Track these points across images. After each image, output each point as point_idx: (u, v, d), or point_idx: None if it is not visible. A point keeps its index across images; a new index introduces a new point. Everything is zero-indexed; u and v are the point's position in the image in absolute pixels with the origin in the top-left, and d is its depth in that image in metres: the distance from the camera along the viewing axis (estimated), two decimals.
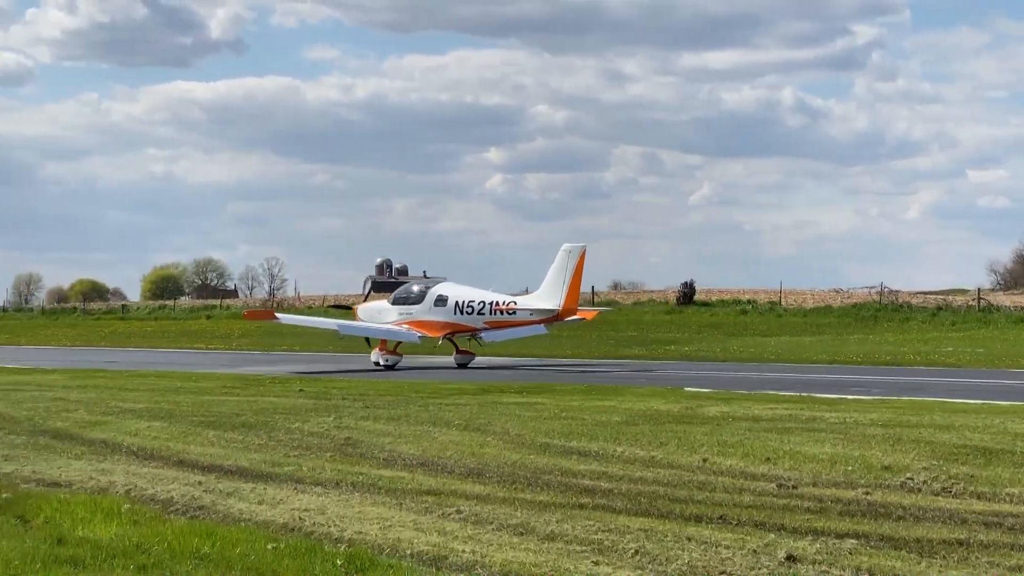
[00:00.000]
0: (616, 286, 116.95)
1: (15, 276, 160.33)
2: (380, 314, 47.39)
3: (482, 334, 46.50)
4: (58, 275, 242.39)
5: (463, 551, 12.62)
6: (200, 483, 16.45)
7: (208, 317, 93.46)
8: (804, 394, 28.62)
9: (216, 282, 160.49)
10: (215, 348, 60.53)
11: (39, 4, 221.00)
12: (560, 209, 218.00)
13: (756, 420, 22.53)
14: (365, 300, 51.19)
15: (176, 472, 17.46)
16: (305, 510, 14.66)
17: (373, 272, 51.81)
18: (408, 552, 12.65)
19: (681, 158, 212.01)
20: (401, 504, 15.04)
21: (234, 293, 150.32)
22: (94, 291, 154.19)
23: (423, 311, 46.18)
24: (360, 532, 13.50)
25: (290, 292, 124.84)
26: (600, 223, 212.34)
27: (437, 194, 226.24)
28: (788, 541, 12.87)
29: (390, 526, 13.80)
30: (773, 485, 16.08)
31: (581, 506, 14.89)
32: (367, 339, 47.33)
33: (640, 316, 79.55)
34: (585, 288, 63.92)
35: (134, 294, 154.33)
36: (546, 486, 16.26)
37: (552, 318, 45.11)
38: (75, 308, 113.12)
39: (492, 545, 12.91)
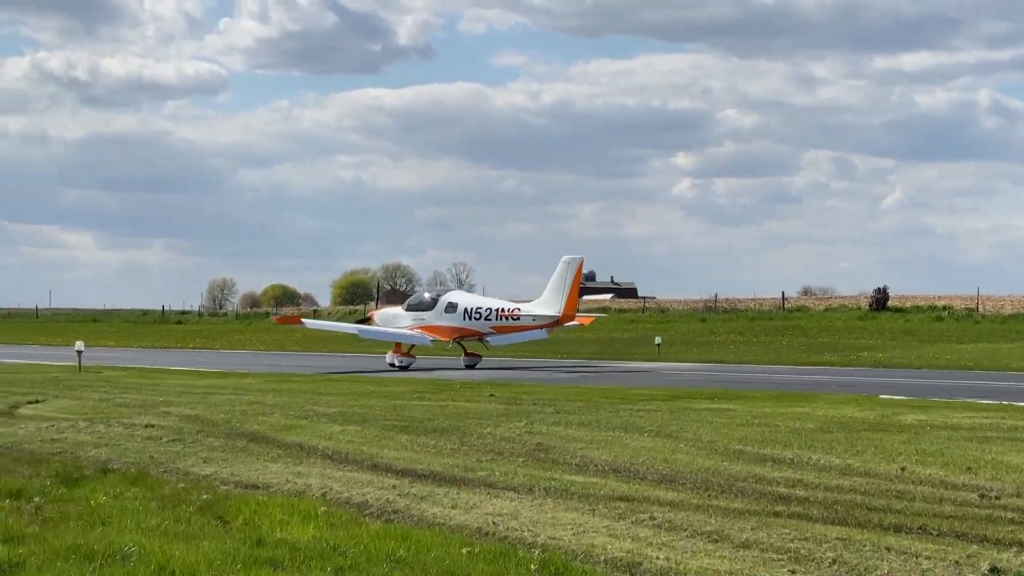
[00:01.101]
0: (806, 291, 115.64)
1: (210, 281, 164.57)
2: (395, 319, 50.74)
3: (488, 338, 49.85)
4: (251, 280, 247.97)
5: (657, 558, 12.51)
6: (394, 487, 16.57)
7: None
8: (1004, 402, 27.90)
9: (405, 287, 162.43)
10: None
11: (232, 14, 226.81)
12: (749, 214, 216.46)
13: (955, 429, 22.01)
14: (377, 307, 54.65)
15: (370, 476, 17.63)
16: (498, 515, 14.67)
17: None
18: (602, 558, 12.58)
19: (873, 162, 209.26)
20: (594, 510, 14.98)
21: None
22: (286, 296, 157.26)
23: (434, 317, 49.73)
24: (553, 537, 13.47)
25: None
26: (790, 228, 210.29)
27: (623, 199, 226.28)
28: (991, 553, 12.51)
29: (583, 532, 13.74)
30: (975, 495, 15.65)
31: (776, 514, 14.66)
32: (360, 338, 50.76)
33: (832, 322, 78.41)
34: (774, 293, 63.72)
35: (324, 299, 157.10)
36: (740, 493, 16.06)
37: (553, 323, 48.78)
38: (268, 313, 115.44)
39: (686, 552, 12.78)
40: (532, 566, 12.04)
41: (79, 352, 44.48)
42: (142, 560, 12.07)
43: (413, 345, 49.13)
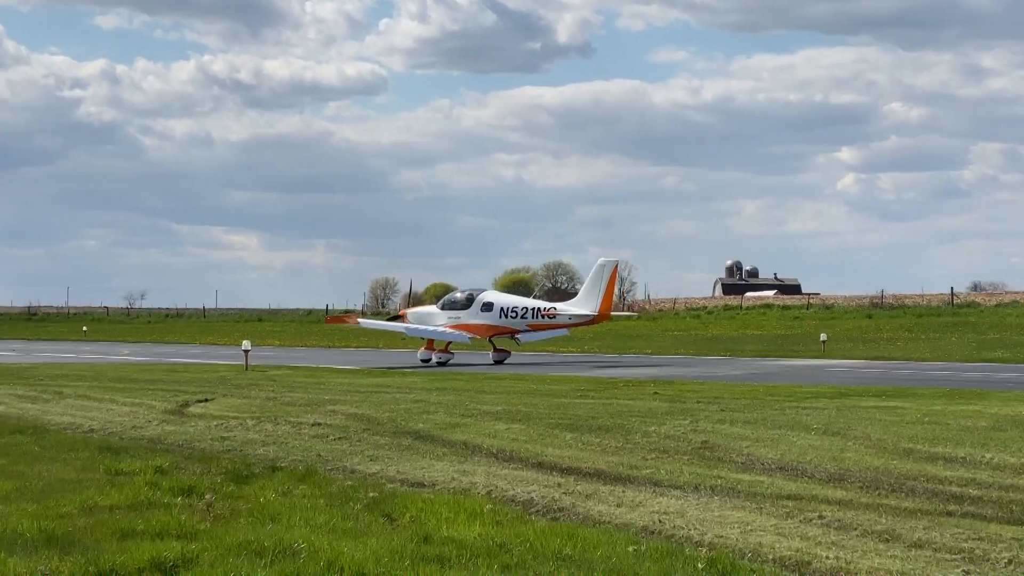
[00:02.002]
0: (976, 287, 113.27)
1: (372, 281, 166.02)
2: (429, 318, 53.26)
3: (519, 336, 53.00)
4: (414, 279, 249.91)
5: (827, 557, 12.34)
6: (559, 484, 16.56)
7: None
8: None
9: (566, 285, 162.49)
10: (565, 351, 61.14)
11: (392, 15, 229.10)
12: (916, 209, 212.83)
13: None
14: (409, 306, 56.75)
15: (535, 474, 17.63)
16: (664, 513, 14.58)
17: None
18: (770, 557, 12.44)
19: None
20: (761, 508, 14.81)
21: None
22: (447, 294, 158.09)
23: (470, 315, 52.50)
24: (720, 536, 13.35)
25: (640, 295, 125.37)
26: (958, 222, 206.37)
27: (787, 195, 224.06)
28: None
29: (751, 530, 13.59)
30: None
31: (949, 513, 14.36)
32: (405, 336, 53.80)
33: (1003, 318, 76.70)
34: (943, 289, 63.01)
35: None
36: (911, 492, 15.76)
37: (589, 322, 52.40)
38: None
39: (856, 551, 12.58)
40: (699, 564, 11.94)
41: (246, 351, 45.23)
42: (311, 557, 12.20)
43: (450, 342, 51.82)
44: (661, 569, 11.87)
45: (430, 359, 50.92)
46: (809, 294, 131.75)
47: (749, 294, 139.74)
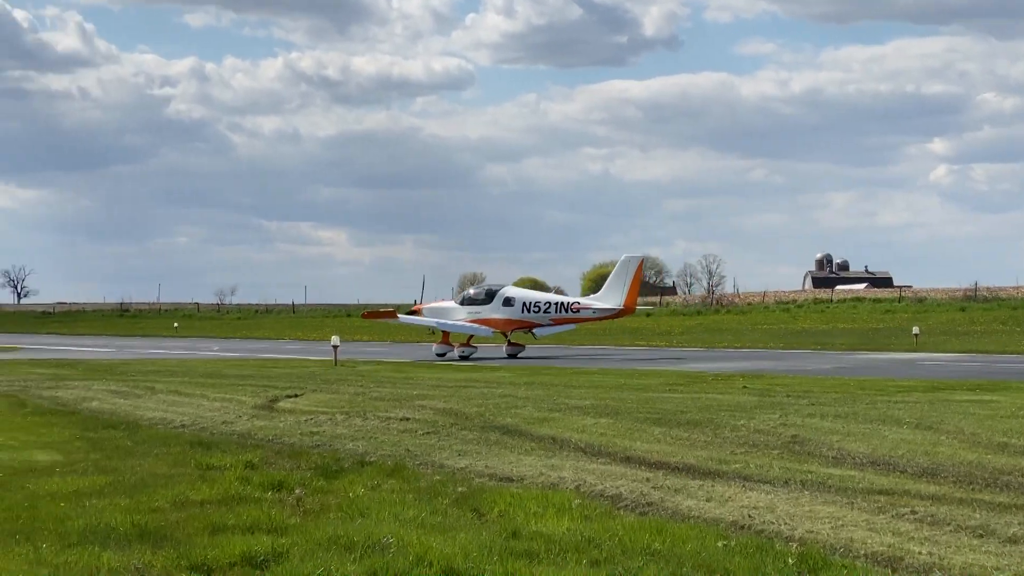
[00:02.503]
0: None
1: (460, 276, 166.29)
2: (447, 312, 54.33)
3: (535, 330, 54.15)
4: (500, 274, 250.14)
5: (919, 553, 12.19)
6: (648, 479, 16.48)
7: (648, 315, 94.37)
8: None
9: (655, 279, 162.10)
10: (656, 345, 60.99)
11: (478, 9, 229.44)
12: (1011, 200, 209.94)
13: None
14: (422, 302, 56.59)
15: (623, 468, 17.56)
16: (754, 508, 14.47)
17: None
18: (862, 552, 12.31)
19: None
20: (852, 503, 14.65)
21: (672, 290, 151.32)
22: (535, 289, 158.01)
23: (492, 310, 53.79)
24: (811, 531, 13.22)
25: (729, 288, 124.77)
26: None
27: (877, 187, 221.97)
28: None
29: (842, 525, 13.45)
30: None
31: None
32: (435, 331, 54.16)
33: None
34: None
35: (574, 291, 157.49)
36: (1006, 487, 15.54)
37: (614, 315, 53.93)
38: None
39: (950, 547, 12.42)
40: (790, 560, 11.85)
41: (335, 347, 45.49)
42: (400, 551, 12.23)
43: (471, 336, 53.24)
44: (751, 564, 11.78)
45: (445, 353, 52.39)
46: (901, 287, 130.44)
47: (839, 287, 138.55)
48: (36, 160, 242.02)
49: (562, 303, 54.37)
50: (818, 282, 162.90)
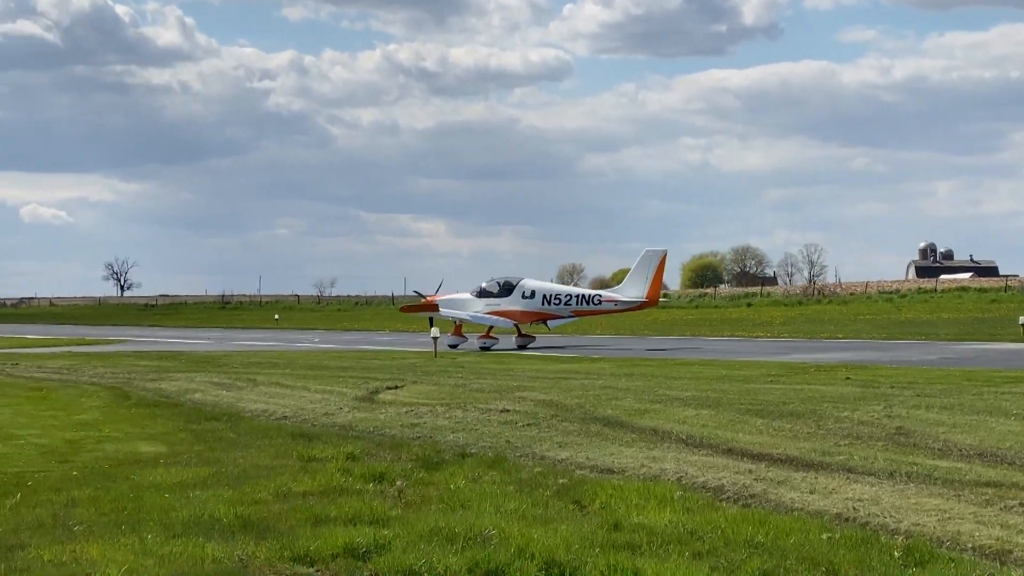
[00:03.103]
0: None
1: (559, 267, 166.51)
2: (462, 304, 54.89)
3: (549, 322, 55.50)
4: (599, 265, 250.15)
5: None
6: (750, 471, 16.34)
7: (748, 305, 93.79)
8: None
9: (755, 269, 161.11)
10: (756, 336, 60.57)
11: (576, 0, 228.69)
12: None
13: None
14: (437, 294, 56.80)
15: (725, 460, 17.43)
16: (858, 500, 14.29)
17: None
18: (968, 545, 12.12)
19: None
20: (959, 496, 14.43)
21: (773, 280, 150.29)
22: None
23: (511, 302, 54.52)
24: (917, 524, 13.03)
25: (830, 278, 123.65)
26: None
27: (982, 175, 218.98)
28: None
29: (949, 518, 13.25)
30: None
31: None
32: (455, 322, 54.79)
33: None
34: None
35: (674, 283, 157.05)
36: None
37: (637, 307, 54.52)
38: None
39: None
40: (896, 553, 11.69)
41: (434, 338, 45.65)
42: (502, 543, 12.21)
43: (491, 327, 53.79)
44: (856, 557, 11.63)
45: (458, 344, 53.43)
46: (1007, 276, 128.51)
47: (944, 277, 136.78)
48: (137, 154, 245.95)
49: (583, 295, 55.29)
50: (922, 272, 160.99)
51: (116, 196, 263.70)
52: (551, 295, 54.78)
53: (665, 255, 54.08)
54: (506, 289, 55.06)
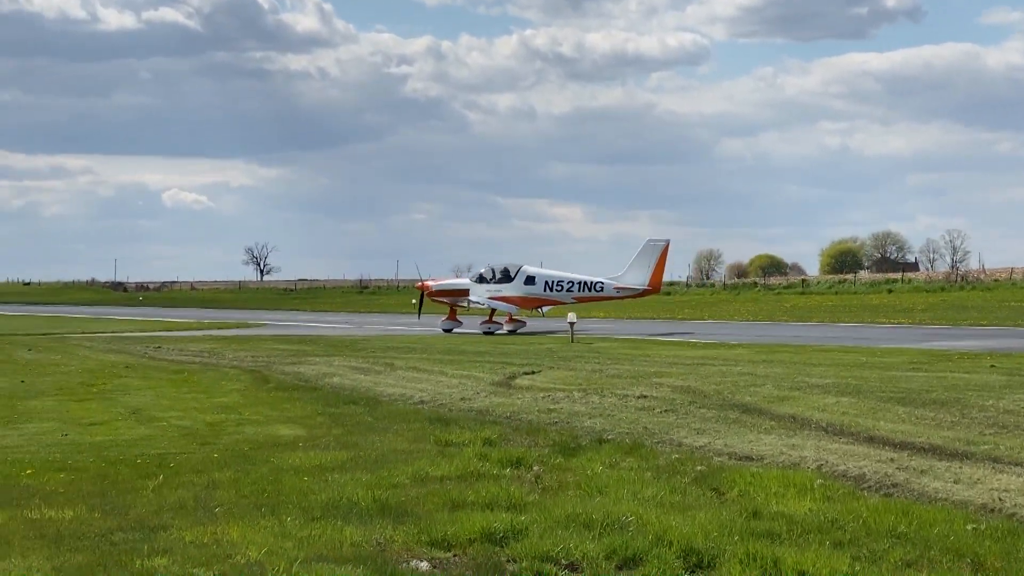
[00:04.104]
0: None
1: (696, 252, 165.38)
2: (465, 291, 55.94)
3: (543, 308, 57.45)
4: (737, 250, 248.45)
5: None
6: (892, 460, 16.06)
7: (889, 291, 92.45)
8: None
9: (896, 255, 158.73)
10: (897, 322, 59.63)
11: None
12: None
13: None
14: (429, 278, 58.73)
15: (866, 448, 17.15)
16: (1005, 491, 13.98)
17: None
18: None
19: None
20: None
21: (914, 266, 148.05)
22: (773, 266, 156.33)
23: (513, 288, 55.73)
24: None
25: (973, 264, 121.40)
26: None
27: None
28: None
29: None
30: None
31: None
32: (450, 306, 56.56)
33: None
34: None
35: (812, 268, 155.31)
36: None
37: (639, 294, 56.10)
38: (755, 283, 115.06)
39: None
40: None
41: (571, 324, 45.61)
42: (639, 530, 12.13)
43: (494, 311, 55.30)
44: (1002, 549, 11.38)
45: (452, 328, 55.18)
46: None
47: None
48: (277, 139, 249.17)
49: (585, 282, 55.91)
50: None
51: (256, 181, 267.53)
52: (553, 281, 56.00)
53: (667, 245, 55.42)
54: (506, 275, 56.22)
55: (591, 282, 56.01)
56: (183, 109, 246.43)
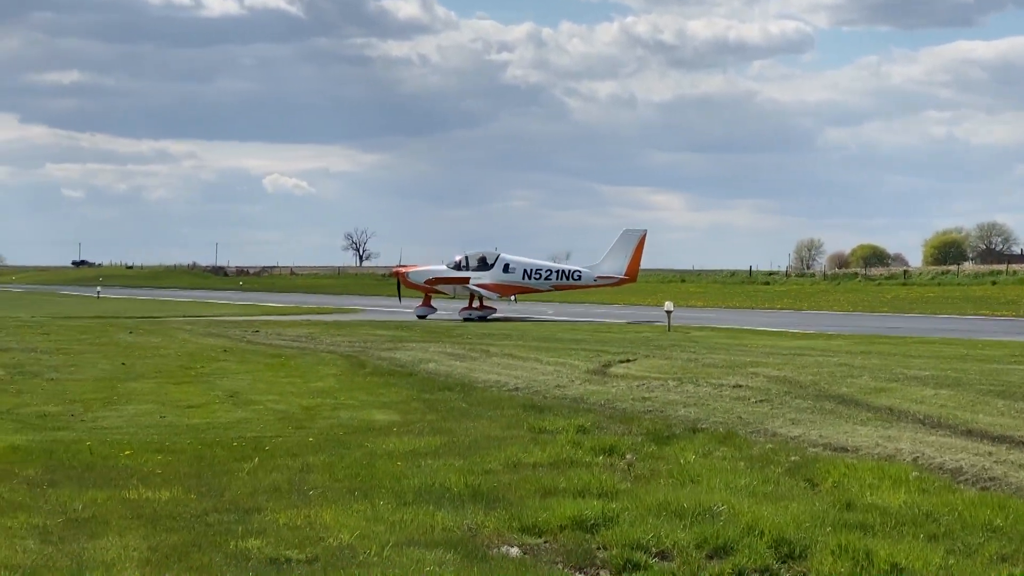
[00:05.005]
0: None
1: (797, 242, 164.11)
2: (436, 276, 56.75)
3: (513, 296, 58.23)
4: (839, 240, 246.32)
5: None
6: (990, 453, 15.85)
7: (993, 283, 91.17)
8: None
9: (1002, 247, 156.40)
10: (1001, 315, 58.83)
11: None
12: None
13: None
14: (403, 265, 60.82)
15: (964, 441, 16.93)
16: None
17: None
18: None
19: None
20: None
21: (1020, 258, 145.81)
22: (874, 256, 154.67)
23: (491, 276, 56.43)
24: None
25: None
26: None
27: None
28: None
29: None
30: None
31: None
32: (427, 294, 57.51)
33: None
34: None
35: (915, 259, 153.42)
36: None
37: (616, 283, 58.40)
38: (856, 274, 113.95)
39: None
40: None
41: (668, 312, 45.47)
42: (731, 519, 12.07)
43: (473, 296, 56.16)
44: None
45: (426, 315, 55.69)
46: None
47: None
48: (377, 125, 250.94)
49: (563, 270, 57.65)
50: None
51: (356, 167, 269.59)
52: (532, 269, 57.20)
53: (644, 235, 57.13)
54: (483, 263, 57.17)
55: (569, 271, 57.79)
56: (284, 95, 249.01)
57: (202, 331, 44.05)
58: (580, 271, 57.75)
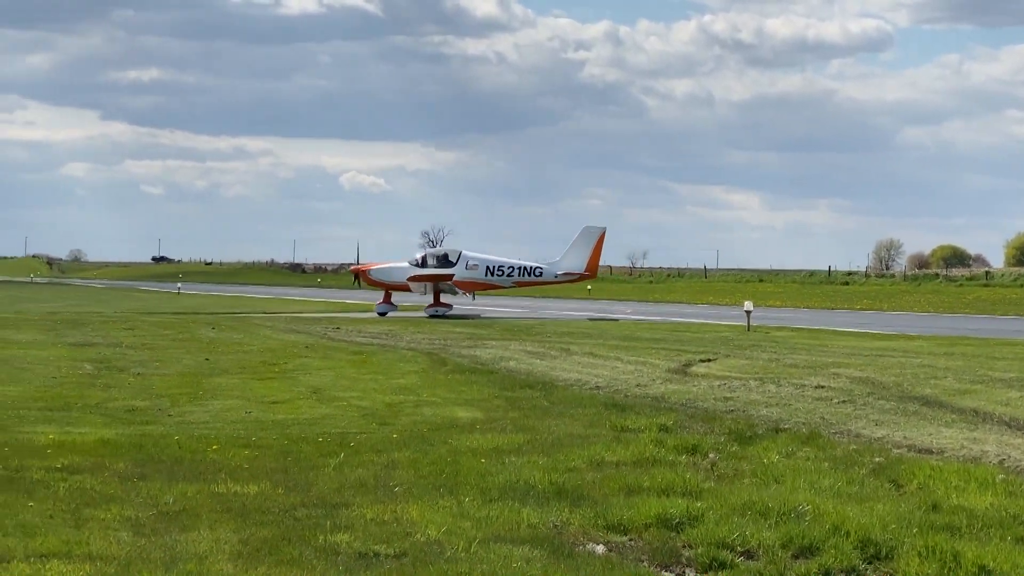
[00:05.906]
0: None
1: (876, 242, 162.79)
2: (398, 273, 56.69)
3: (472, 293, 58.55)
4: (918, 241, 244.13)
5: None
6: None
7: None
8: None
9: None
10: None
11: None
12: None
13: None
14: (361, 263, 60.29)
15: None
16: None
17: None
18: None
19: None
20: None
21: None
22: (955, 257, 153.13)
23: (456, 273, 56.46)
24: None
25: None
26: None
27: None
28: None
29: None
30: None
31: None
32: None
33: None
34: None
35: (997, 260, 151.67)
36: None
37: (576, 279, 59.38)
38: (936, 274, 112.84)
39: None
40: None
41: (748, 312, 45.30)
42: (816, 520, 12.07)
43: (438, 293, 56.13)
44: None
45: (387, 312, 55.51)
46: None
47: None
48: (454, 123, 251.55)
49: (525, 267, 58.37)
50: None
51: (432, 164, 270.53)
52: (494, 267, 57.98)
53: (604, 232, 57.95)
54: (445, 260, 57.76)
55: (530, 267, 58.61)
56: (361, 93, 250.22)
57: (283, 327, 44.43)
58: (541, 268, 58.73)
